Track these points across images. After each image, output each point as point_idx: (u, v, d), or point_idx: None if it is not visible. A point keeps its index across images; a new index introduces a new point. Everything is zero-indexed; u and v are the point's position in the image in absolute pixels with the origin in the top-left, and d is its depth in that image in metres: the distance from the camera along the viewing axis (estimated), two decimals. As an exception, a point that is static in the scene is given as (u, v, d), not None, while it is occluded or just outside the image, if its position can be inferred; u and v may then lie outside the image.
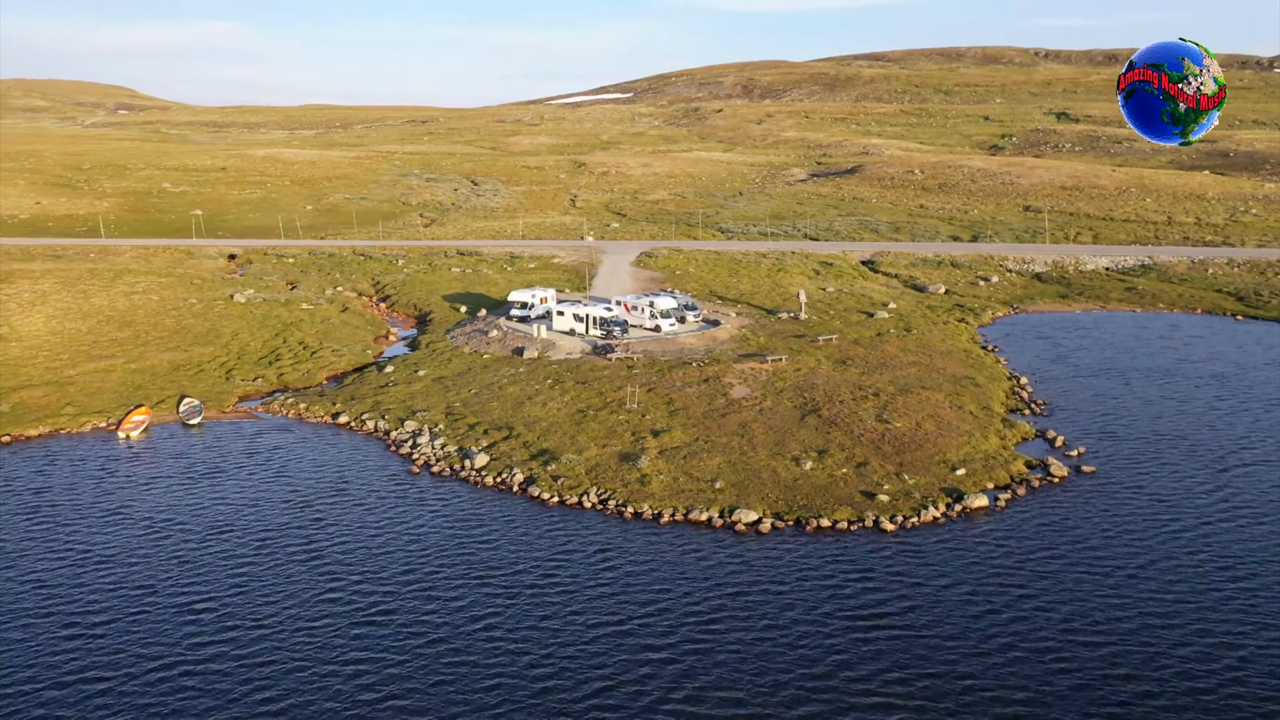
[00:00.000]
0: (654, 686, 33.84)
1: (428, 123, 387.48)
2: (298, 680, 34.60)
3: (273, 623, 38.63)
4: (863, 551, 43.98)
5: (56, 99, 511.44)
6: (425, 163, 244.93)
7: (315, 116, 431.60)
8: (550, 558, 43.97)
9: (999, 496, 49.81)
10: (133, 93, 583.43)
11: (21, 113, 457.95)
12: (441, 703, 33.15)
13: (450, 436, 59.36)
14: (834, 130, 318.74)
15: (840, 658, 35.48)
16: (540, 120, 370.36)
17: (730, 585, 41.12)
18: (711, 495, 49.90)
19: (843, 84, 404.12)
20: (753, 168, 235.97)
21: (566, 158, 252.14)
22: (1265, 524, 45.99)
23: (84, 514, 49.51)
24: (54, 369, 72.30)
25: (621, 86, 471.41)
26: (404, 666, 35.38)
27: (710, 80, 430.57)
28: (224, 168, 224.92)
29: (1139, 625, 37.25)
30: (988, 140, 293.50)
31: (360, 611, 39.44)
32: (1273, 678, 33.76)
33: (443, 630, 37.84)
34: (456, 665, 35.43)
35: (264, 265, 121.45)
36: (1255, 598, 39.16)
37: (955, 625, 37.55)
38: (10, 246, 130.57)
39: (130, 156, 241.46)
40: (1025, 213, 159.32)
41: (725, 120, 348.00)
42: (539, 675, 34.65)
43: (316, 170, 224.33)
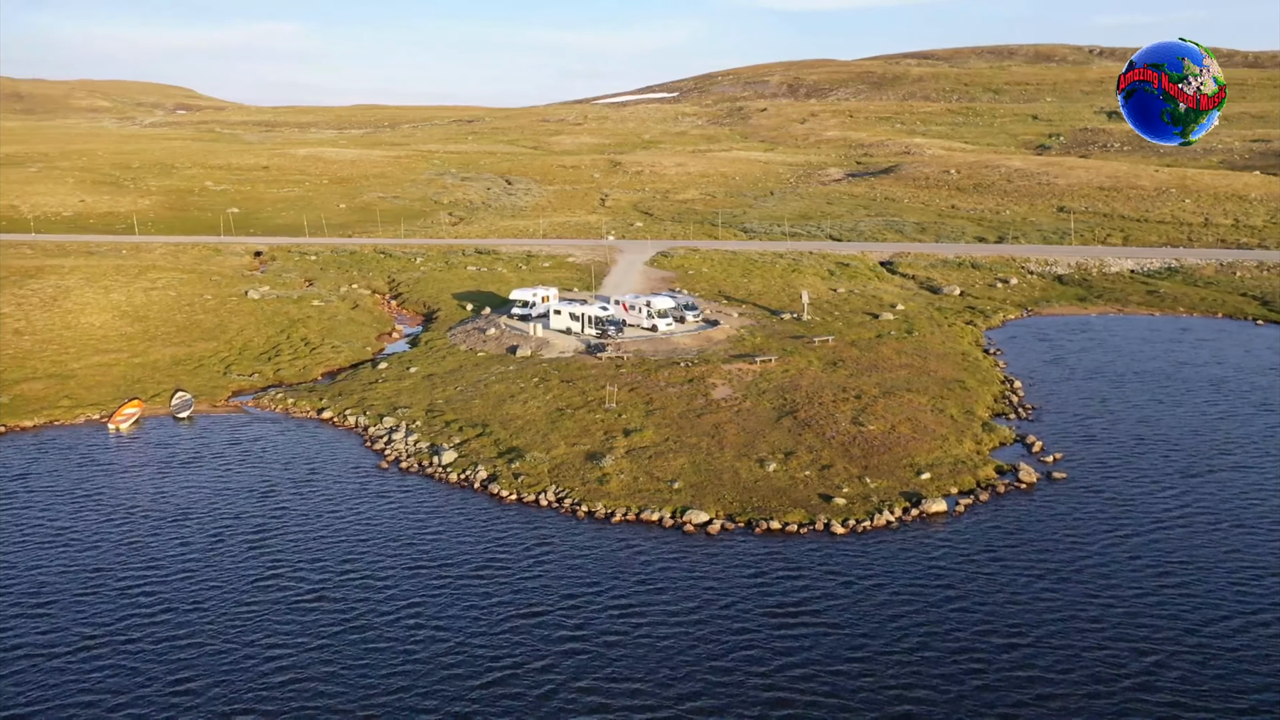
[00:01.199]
0: (555, 674, 34.33)
1: (474, 122, 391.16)
2: (218, 661, 35.62)
3: (210, 606, 39.79)
4: (804, 553, 43.68)
5: (118, 99, 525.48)
6: (464, 162, 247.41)
7: (364, 116, 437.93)
8: (488, 551, 44.47)
9: (960, 502, 49.10)
10: (191, 93, 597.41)
11: (84, 113, 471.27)
12: (346, 686, 33.86)
13: (424, 433, 60.05)
14: (877, 130, 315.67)
15: (748, 653, 35.52)
16: (584, 120, 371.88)
17: (657, 582, 41.22)
18: (668, 495, 49.88)
19: (890, 83, 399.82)
20: (789, 167, 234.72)
21: (604, 157, 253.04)
22: (1219, 529, 44.96)
23: (56, 500, 51.24)
24: (59, 362, 74.48)
25: (667, 86, 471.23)
26: (321, 651, 36.19)
27: (756, 79, 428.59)
28: (266, 166, 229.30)
29: (1056, 630, 36.68)
30: (1034, 140, 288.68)
31: (294, 597, 40.48)
32: (1182, 682, 33.09)
33: (367, 616, 38.66)
34: (371, 650, 36.21)
35: (286, 262, 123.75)
36: (1183, 602, 38.47)
37: (872, 624, 37.33)
38: (47, 243, 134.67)
39: (178, 156, 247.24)
40: (1059, 214, 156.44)
41: (768, 120, 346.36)
42: (448, 661, 35.32)
43: (355, 169, 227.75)
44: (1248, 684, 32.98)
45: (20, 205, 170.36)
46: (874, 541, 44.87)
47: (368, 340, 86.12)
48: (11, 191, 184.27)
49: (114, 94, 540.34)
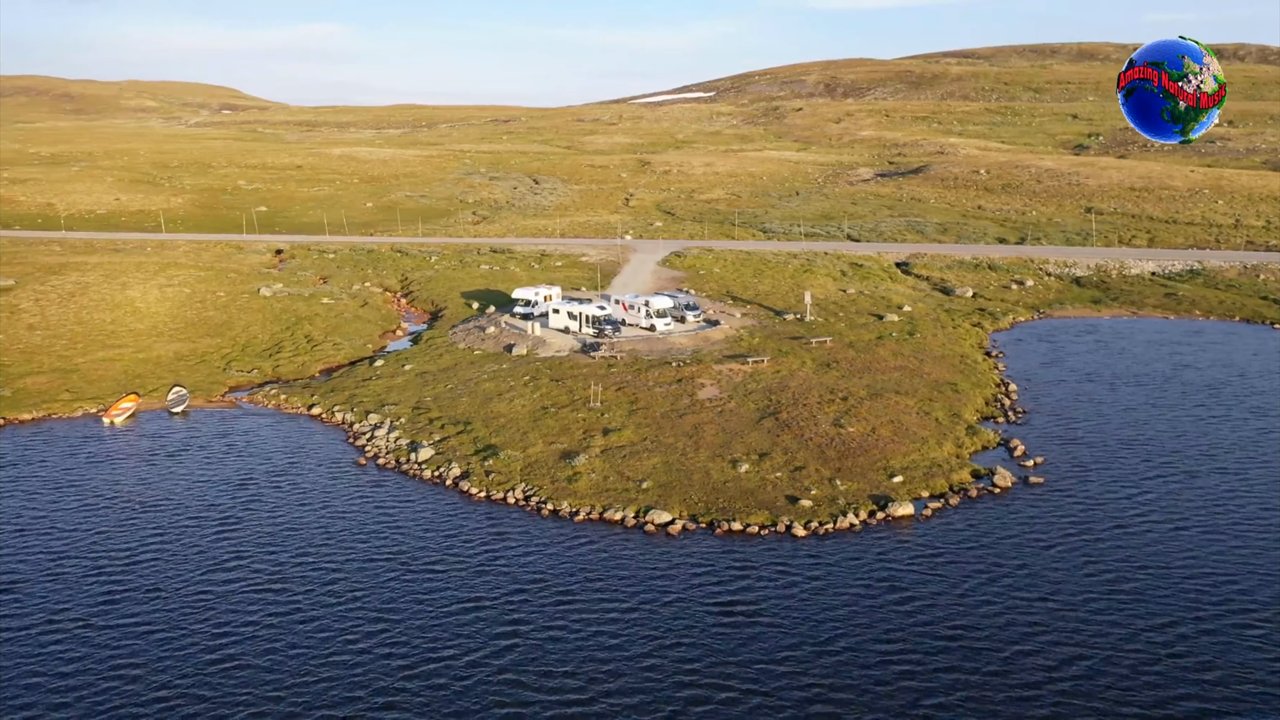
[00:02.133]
0: (486, 665, 35.03)
1: (509, 122, 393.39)
2: (162, 645, 36.76)
3: (167, 591, 41.15)
4: (760, 554, 43.54)
5: (165, 99, 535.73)
6: (494, 161, 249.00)
7: (403, 116, 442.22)
8: (445, 546, 45.01)
9: (929, 505, 48.58)
10: (237, 93, 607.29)
11: (132, 113, 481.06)
12: (282, 672, 34.61)
13: (406, 430, 60.60)
14: (913, 129, 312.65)
15: (680, 649, 35.76)
16: (618, 119, 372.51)
17: (605, 579, 41.45)
18: (634, 495, 49.89)
19: (928, 82, 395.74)
20: (819, 167, 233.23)
21: (633, 157, 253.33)
22: (1185, 535, 44.23)
23: (38, 489, 52.77)
24: (65, 356, 76.19)
25: (704, 85, 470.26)
26: (264, 637, 37.13)
27: (793, 79, 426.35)
28: (300, 166, 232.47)
29: (994, 633, 36.44)
30: (1073, 139, 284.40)
31: (249, 585, 41.58)
32: (1112, 688, 32.56)
33: (316, 605, 39.61)
34: (314, 637, 37.17)
35: (305, 260, 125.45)
36: (1132, 607, 37.98)
37: (811, 624, 37.29)
38: (76, 240, 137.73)
39: (216, 155, 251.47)
40: (1086, 215, 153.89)
41: (803, 119, 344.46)
42: (387, 650, 36.16)
43: (387, 169, 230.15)
44: (1174, 693, 32.53)
45: (57, 203, 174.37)
46: (833, 544, 44.56)
47: (370, 338, 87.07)
48: (51, 190, 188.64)
49: (161, 94, 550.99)
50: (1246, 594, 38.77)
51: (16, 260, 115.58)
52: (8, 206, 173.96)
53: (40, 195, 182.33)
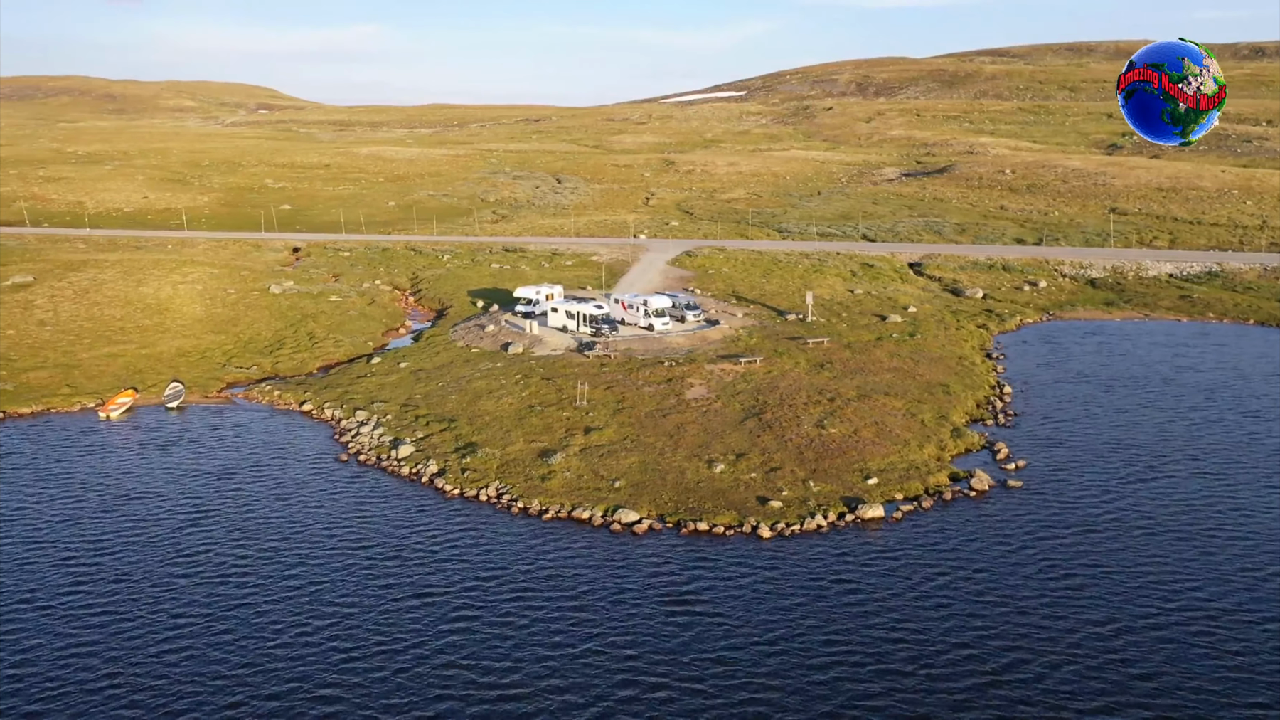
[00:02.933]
0: (433, 656, 35.70)
1: (540, 121, 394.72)
2: (117, 631, 37.70)
3: (132, 578, 42.28)
4: (721, 554, 43.47)
5: (204, 99, 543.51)
6: (520, 160, 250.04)
7: (435, 116, 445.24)
8: (409, 541, 45.49)
9: (900, 508, 48.18)
10: (274, 93, 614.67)
11: (171, 113, 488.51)
12: (230, 663, 35.33)
13: (390, 427, 61.07)
14: (943, 129, 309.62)
15: (623, 643, 36.09)
16: (648, 119, 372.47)
17: (561, 575, 41.74)
18: (606, 494, 49.93)
19: (962, 80, 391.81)
20: (845, 166, 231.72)
21: (658, 156, 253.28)
22: (1152, 539, 43.54)
23: (27, 479, 54.00)
24: (70, 352, 77.61)
25: (735, 85, 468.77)
26: (216, 628, 37.92)
27: (824, 78, 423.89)
28: (327, 165, 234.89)
29: (937, 635, 36.24)
30: (1106, 139, 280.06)
31: (212, 573, 42.67)
32: (1050, 690, 32.28)
33: (274, 595, 40.45)
34: (266, 626, 38.03)
35: (320, 258, 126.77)
36: (1085, 612, 37.62)
37: (756, 622, 37.36)
38: (100, 238, 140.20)
39: (246, 154, 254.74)
40: (1110, 215, 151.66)
41: (833, 118, 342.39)
42: (335, 639, 36.97)
43: (413, 168, 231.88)
44: (1114, 700, 32.20)
45: (86, 201, 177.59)
46: (798, 545, 44.33)
47: (372, 335, 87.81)
48: (83, 188, 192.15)
49: (200, 94, 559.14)
50: (1205, 600, 38.22)
51: (39, 257, 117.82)
52: (40, 204, 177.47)
53: (71, 193, 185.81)
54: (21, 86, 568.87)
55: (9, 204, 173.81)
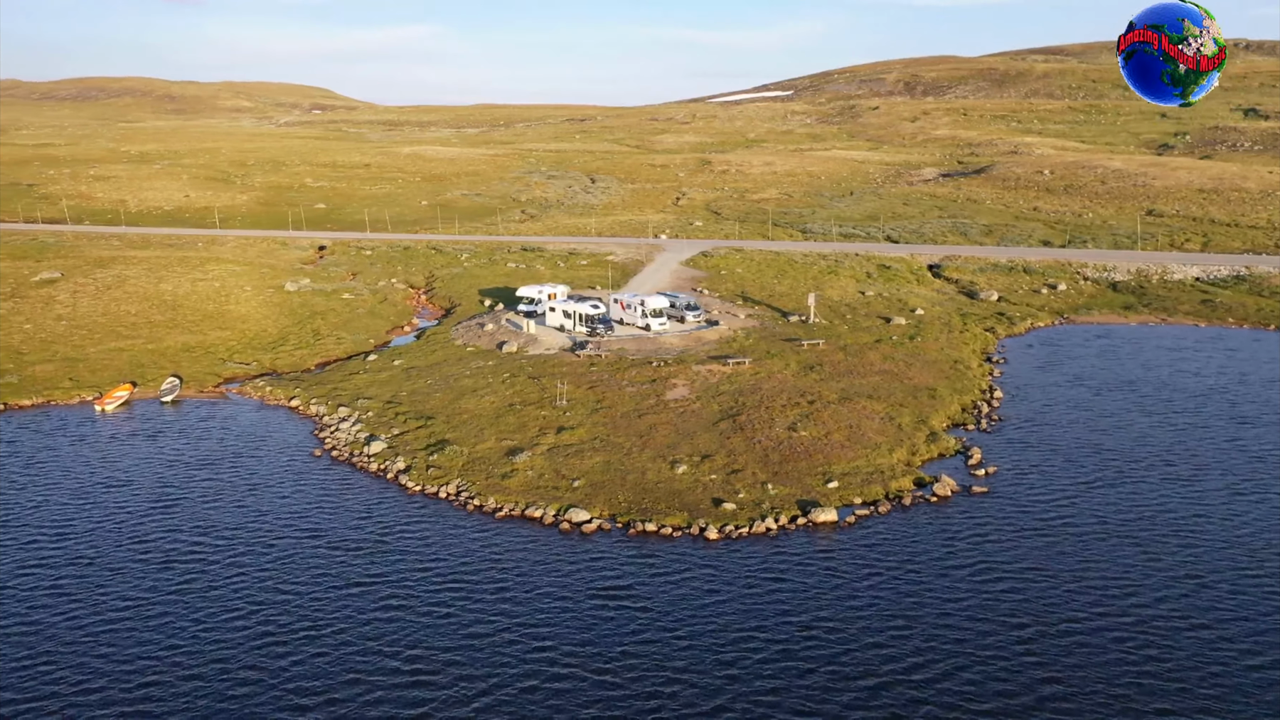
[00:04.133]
0: (348, 636, 36.98)
1: (585, 121, 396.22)
2: (62, 614, 39.06)
3: (87, 563, 43.77)
4: (662, 553, 43.54)
5: (260, 99, 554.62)
6: (558, 160, 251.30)
7: (483, 115, 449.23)
8: (357, 534, 46.42)
9: (856, 512, 47.68)
10: (329, 93, 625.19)
11: (228, 113, 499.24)
12: (160, 645, 36.58)
13: (369, 423, 61.87)
14: (990, 128, 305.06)
15: (536, 635, 36.83)
16: (692, 119, 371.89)
17: (495, 569, 42.32)
18: (563, 494, 50.11)
19: (1012, 80, 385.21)
20: (883, 167, 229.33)
21: (695, 156, 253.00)
22: (1102, 544, 42.61)
23: (11, 466, 55.94)
24: (79, 346, 79.80)
25: (783, 84, 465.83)
26: (156, 610, 39.32)
27: (872, 77, 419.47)
28: (368, 164, 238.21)
29: (851, 636, 36.14)
30: (1157, 139, 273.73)
31: (167, 558, 44.15)
32: (954, 691, 31.89)
33: (215, 578, 42.02)
34: (201, 609, 39.36)
35: (343, 256, 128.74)
36: (1013, 616, 37.12)
37: (674, 621, 37.54)
38: (134, 235, 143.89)
39: (291, 154, 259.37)
40: (1146, 217, 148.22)
41: (878, 118, 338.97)
42: (263, 623, 38.24)
43: (451, 167, 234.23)
44: (995, 689, 32.44)
45: (129, 200, 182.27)
46: (743, 547, 44.18)
47: (376, 333, 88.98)
48: (128, 186, 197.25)
49: (257, 94, 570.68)
50: (1136, 605, 37.76)
51: (72, 254, 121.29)
52: (85, 202, 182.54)
53: (116, 192, 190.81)
54: (86, 88, 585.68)
55: (56, 202, 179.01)
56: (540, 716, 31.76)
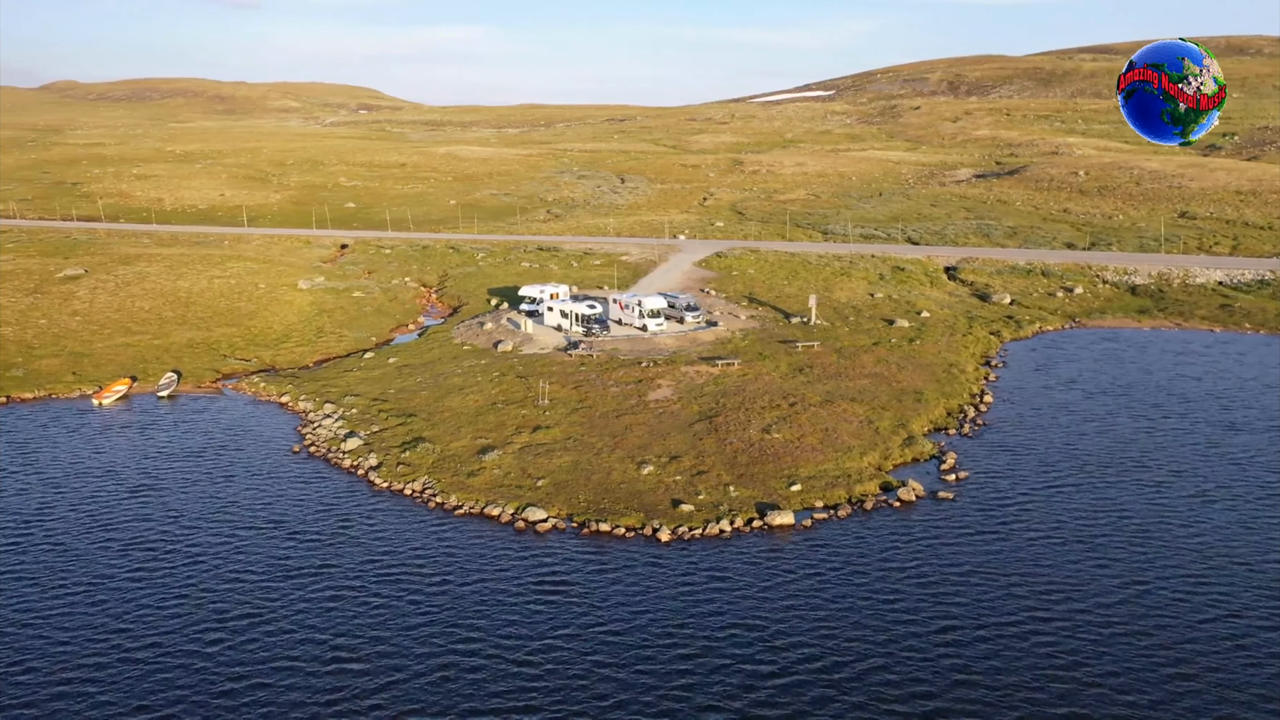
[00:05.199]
0: (283, 624, 38.06)
1: (624, 121, 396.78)
2: (21, 590, 41.02)
3: (58, 540, 46.01)
4: (611, 552, 43.73)
5: (308, 100, 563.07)
6: (591, 160, 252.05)
7: (524, 115, 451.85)
8: (316, 525, 47.49)
9: (814, 516, 47.36)
10: (376, 93, 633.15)
11: (276, 113, 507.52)
12: (97, 625, 38.16)
13: (351, 420, 62.63)
14: (1032, 129, 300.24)
15: (462, 626, 37.54)
16: (730, 119, 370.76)
17: (439, 561, 43.17)
18: (525, 493, 50.33)
19: (1059, 79, 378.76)
20: (918, 167, 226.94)
21: (728, 156, 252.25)
22: (1051, 550, 41.78)
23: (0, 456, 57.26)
24: (87, 341, 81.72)
25: (825, 84, 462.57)
26: (103, 591, 40.83)
27: (915, 77, 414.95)
28: (403, 164, 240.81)
29: (771, 638, 36.18)
30: (1204, 139, 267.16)
31: (127, 543, 45.76)
32: (861, 692, 31.44)
33: (168, 563, 43.69)
34: (148, 591, 41.05)
35: (363, 255, 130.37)
36: (949, 620, 36.68)
37: (600, 618, 37.93)
38: (164, 233, 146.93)
39: (329, 153, 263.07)
40: (1178, 219, 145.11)
41: (919, 118, 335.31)
42: (201, 607, 39.49)
43: (484, 167, 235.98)
44: (917, 690, 32.35)
45: (165, 198, 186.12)
46: (693, 548, 44.15)
47: (380, 331, 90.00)
48: (167, 185, 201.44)
49: (305, 95, 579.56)
50: (1070, 610, 37.52)
51: (101, 251, 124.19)
52: (123, 200, 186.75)
53: (155, 191, 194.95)
54: (140, 88, 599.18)
55: (96, 200, 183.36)
56: (446, 704, 32.32)
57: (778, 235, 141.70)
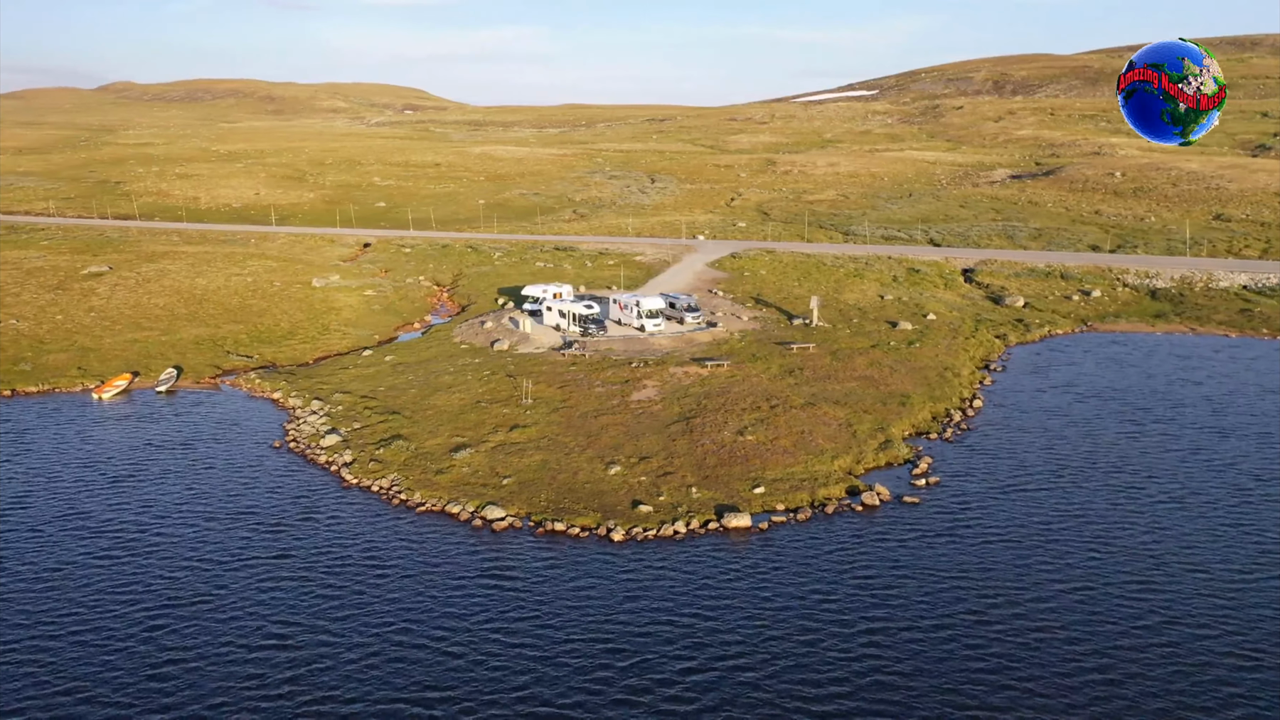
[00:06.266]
0: (225, 609, 39.17)
1: (664, 121, 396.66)
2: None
3: (30, 527, 47.31)
4: (561, 550, 43.86)
5: (355, 100, 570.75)
6: (624, 160, 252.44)
7: (566, 115, 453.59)
8: (277, 517, 48.34)
9: (773, 519, 46.99)
10: (423, 94, 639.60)
11: (324, 114, 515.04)
12: (42, 605, 39.31)
13: (334, 417, 63.41)
14: (1076, 128, 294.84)
15: (387, 615, 38.38)
16: (770, 118, 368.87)
17: (384, 554, 43.86)
18: (489, 491, 50.56)
19: (1107, 78, 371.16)
20: (954, 168, 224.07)
21: (761, 156, 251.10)
22: (1001, 554, 41.05)
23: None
24: (98, 337, 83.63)
25: (868, 84, 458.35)
26: (56, 575, 42.13)
27: (960, 76, 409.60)
28: (438, 164, 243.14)
29: (694, 641, 35.89)
30: (1254, 139, 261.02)
31: (93, 528, 47.04)
32: (777, 688, 31.11)
33: (126, 548, 44.79)
34: (101, 573, 42.32)
35: (383, 253, 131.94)
36: (866, 623, 36.19)
37: (523, 613, 38.28)
38: (193, 231, 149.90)
39: (368, 153, 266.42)
40: (1214, 221, 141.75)
41: (961, 118, 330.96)
42: (152, 590, 40.73)
43: (518, 167, 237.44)
44: (834, 690, 32.19)
45: (202, 197, 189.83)
46: (646, 549, 44.11)
47: (384, 329, 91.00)
48: (205, 185, 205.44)
49: (353, 95, 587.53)
50: (1016, 616, 36.78)
51: (129, 248, 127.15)
52: (161, 199, 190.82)
53: (193, 190, 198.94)
54: (194, 89, 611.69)
55: (135, 199, 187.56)
56: (365, 690, 33.00)
57: (798, 236, 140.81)
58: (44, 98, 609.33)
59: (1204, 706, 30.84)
